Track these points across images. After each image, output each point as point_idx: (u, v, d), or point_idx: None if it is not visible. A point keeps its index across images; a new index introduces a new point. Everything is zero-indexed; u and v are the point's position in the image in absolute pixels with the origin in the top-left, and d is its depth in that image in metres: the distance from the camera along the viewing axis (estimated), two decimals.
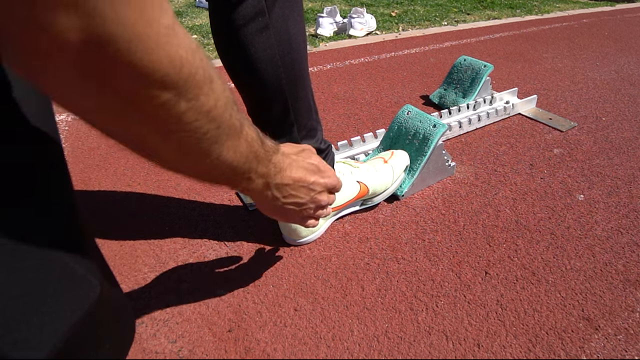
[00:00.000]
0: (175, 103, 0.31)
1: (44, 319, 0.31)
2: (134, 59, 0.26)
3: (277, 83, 0.66)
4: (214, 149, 0.37)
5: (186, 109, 0.32)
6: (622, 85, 1.71)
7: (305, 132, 0.74)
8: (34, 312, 0.31)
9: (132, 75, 0.27)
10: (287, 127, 0.71)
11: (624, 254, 0.84)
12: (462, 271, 0.79)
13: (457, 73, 1.45)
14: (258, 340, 0.66)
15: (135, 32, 0.25)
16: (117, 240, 0.84)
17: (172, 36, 0.28)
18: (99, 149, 1.16)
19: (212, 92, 0.34)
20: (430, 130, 0.97)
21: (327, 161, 0.80)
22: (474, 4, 3.30)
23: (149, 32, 0.26)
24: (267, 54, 0.63)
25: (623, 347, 0.66)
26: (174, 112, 0.31)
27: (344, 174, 0.85)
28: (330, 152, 0.81)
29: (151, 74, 0.27)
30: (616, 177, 1.09)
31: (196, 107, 0.33)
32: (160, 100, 0.30)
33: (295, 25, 0.64)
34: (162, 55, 0.27)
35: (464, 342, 0.67)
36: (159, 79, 0.28)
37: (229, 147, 0.39)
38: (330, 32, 2.37)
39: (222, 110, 0.36)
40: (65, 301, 0.33)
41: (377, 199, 0.93)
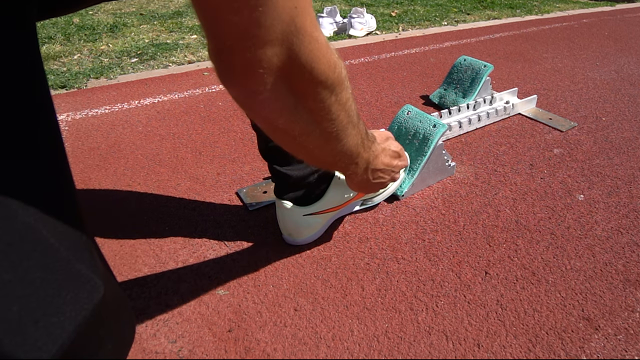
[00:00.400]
0: (328, 97, 0.41)
1: (51, 320, 0.32)
2: (310, 68, 0.38)
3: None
4: (343, 136, 0.48)
5: (334, 102, 0.42)
6: (622, 85, 1.71)
7: None
8: (41, 313, 0.31)
9: (309, 79, 0.38)
10: None
11: (624, 254, 0.84)
12: (462, 271, 0.79)
13: (457, 73, 1.45)
14: (258, 340, 0.66)
15: (311, 49, 0.37)
16: (117, 240, 0.84)
17: (328, 47, 0.40)
18: (99, 149, 1.16)
19: (346, 89, 0.44)
20: (430, 130, 0.97)
21: None
22: (474, 4, 3.30)
23: (318, 47, 0.38)
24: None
25: (623, 347, 0.66)
26: (326, 105, 0.42)
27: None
28: None
29: (318, 76, 0.39)
30: (616, 177, 1.09)
31: (339, 100, 0.43)
32: (321, 96, 0.41)
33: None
34: (325, 62, 0.39)
35: (464, 342, 0.67)
36: (323, 80, 0.39)
37: (351, 135, 0.49)
38: (330, 32, 2.37)
39: (351, 103, 0.46)
40: (70, 301, 0.34)
41: (377, 199, 0.93)
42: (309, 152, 0.49)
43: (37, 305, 0.31)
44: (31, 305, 0.31)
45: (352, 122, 0.48)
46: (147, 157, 1.13)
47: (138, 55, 1.93)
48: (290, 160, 0.75)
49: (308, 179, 0.77)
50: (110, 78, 1.67)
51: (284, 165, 0.75)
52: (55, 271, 0.33)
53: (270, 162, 0.76)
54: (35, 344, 0.31)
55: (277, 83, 0.37)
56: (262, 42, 0.33)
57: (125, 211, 0.93)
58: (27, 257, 0.32)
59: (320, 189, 0.80)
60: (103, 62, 1.83)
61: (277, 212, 0.81)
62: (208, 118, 1.35)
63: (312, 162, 0.57)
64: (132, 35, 2.21)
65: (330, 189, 0.81)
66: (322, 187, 0.80)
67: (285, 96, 0.39)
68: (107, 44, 2.08)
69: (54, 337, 0.32)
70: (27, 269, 0.32)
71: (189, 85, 1.60)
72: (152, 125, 1.29)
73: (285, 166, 0.75)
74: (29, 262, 0.32)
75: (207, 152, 1.16)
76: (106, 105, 1.43)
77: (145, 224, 0.89)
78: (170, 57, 1.90)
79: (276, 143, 0.48)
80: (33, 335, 0.31)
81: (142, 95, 1.51)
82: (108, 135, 1.23)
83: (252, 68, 0.35)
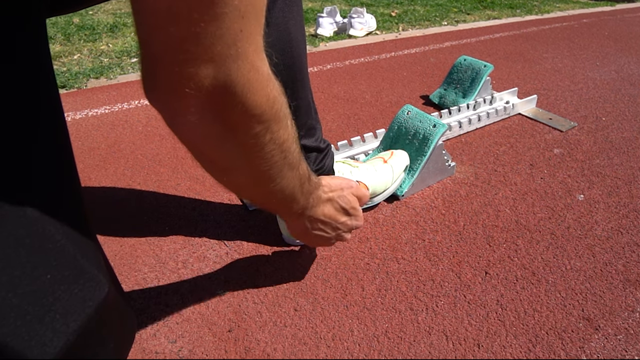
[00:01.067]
0: (262, 134, 0.38)
1: (56, 317, 0.32)
2: (244, 99, 0.34)
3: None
4: (276, 177, 0.44)
5: (269, 140, 0.39)
6: (622, 85, 1.71)
7: (305, 131, 0.74)
8: (46, 310, 0.32)
9: (241, 110, 0.35)
10: None
11: (624, 254, 0.84)
12: (462, 271, 0.79)
13: (457, 73, 1.45)
14: (258, 340, 0.66)
15: (249, 78, 0.33)
16: (117, 240, 0.84)
17: (270, 80, 0.37)
18: (99, 149, 1.16)
19: (285, 128, 0.41)
20: (430, 130, 0.97)
21: (327, 161, 0.80)
22: (474, 4, 3.30)
23: (257, 78, 0.35)
24: (266, 51, 0.64)
25: (623, 347, 0.66)
26: (260, 142, 0.39)
27: (343, 174, 0.84)
28: (329, 152, 0.81)
29: (253, 109, 0.35)
30: (616, 177, 1.09)
31: (275, 138, 0.40)
32: (254, 132, 0.37)
33: (295, 24, 0.64)
34: (263, 95, 0.36)
35: (464, 342, 0.67)
36: (258, 114, 0.36)
37: (287, 177, 0.46)
38: (330, 32, 2.37)
39: (290, 143, 0.43)
40: (75, 299, 0.34)
41: (377, 199, 0.93)
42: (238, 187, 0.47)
43: (43, 302, 0.32)
44: (37, 301, 0.32)
45: (290, 164, 0.45)
46: (147, 157, 1.13)
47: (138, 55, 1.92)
48: None
49: None
50: (110, 78, 1.67)
51: None
52: (62, 268, 0.34)
53: None
54: (41, 340, 0.31)
55: (204, 108, 0.34)
56: (195, 60, 0.30)
57: (125, 211, 0.93)
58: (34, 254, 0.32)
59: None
60: (103, 62, 1.83)
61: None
62: None
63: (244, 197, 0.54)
64: (132, 35, 2.21)
65: None
66: None
67: (212, 124, 0.35)
68: (107, 44, 2.08)
69: (59, 334, 0.32)
70: (34, 265, 0.32)
71: None
72: (152, 125, 1.29)
73: None
74: (36, 259, 0.32)
75: None
76: (106, 105, 1.43)
77: (145, 224, 0.89)
78: None
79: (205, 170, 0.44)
80: (38, 331, 0.31)
81: (142, 95, 1.51)
82: (108, 135, 1.23)
83: (178, 85, 0.32)
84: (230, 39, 0.30)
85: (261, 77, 0.35)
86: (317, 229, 0.60)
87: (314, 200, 0.56)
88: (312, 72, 1.77)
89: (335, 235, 0.63)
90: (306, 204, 0.54)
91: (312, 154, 0.76)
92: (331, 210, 0.60)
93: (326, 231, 0.61)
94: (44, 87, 0.35)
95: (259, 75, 0.35)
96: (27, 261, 0.32)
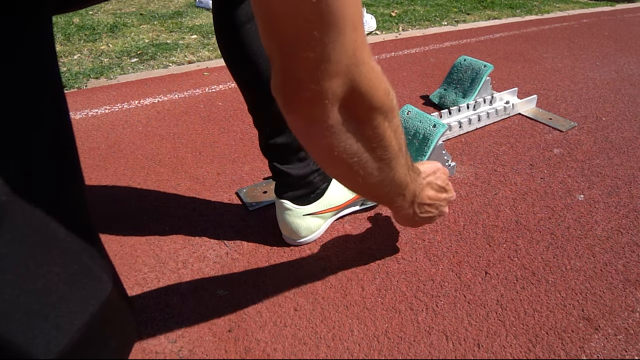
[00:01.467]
0: (383, 123, 0.43)
1: (61, 315, 0.33)
2: (370, 96, 0.40)
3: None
4: (394, 164, 0.49)
5: (387, 128, 0.44)
6: (622, 85, 1.71)
7: None
8: (51, 308, 0.32)
9: (368, 106, 0.40)
10: (286, 124, 0.71)
11: (624, 254, 0.84)
12: (462, 271, 0.79)
13: (457, 73, 1.45)
14: (258, 340, 0.66)
15: (370, 78, 0.39)
16: (117, 240, 0.84)
17: (382, 75, 0.42)
18: (99, 149, 1.16)
19: (397, 116, 0.46)
20: (430, 130, 0.97)
21: None
22: (474, 4, 3.30)
23: (375, 76, 0.40)
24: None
25: (623, 347, 0.66)
26: (381, 131, 0.44)
27: None
28: None
29: (376, 103, 0.41)
30: (616, 177, 1.09)
31: (392, 126, 0.45)
32: (376, 122, 0.43)
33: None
34: (381, 90, 0.41)
35: (464, 342, 0.67)
36: (380, 106, 0.41)
37: (401, 164, 0.50)
38: None
39: (401, 129, 0.48)
40: (80, 298, 0.35)
41: None
42: (361, 181, 0.49)
43: (48, 300, 0.32)
44: (42, 299, 0.32)
45: (402, 151, 0.50)
46: (147, 157, 1.13)
47: (138, 55, 1.93)
48: (290, 158, 0.75)
49: (308, 177, 0.77)
50: (110, 78, 1.67)
51: (284, 164, 0.75)
52: (66, 267, 0.34)
53: (271, 159, 0.76)
54: (45, 337, 0.31)
55: (339, 112, 0.40)
56: (330, 75, 0.36)
57: (125, 211, 0.93)
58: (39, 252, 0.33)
59: (321, 189, 0.80)
60: (103, 62, 1.83)
61: (277, 212, 0.81)
62: (208, 118, 1.35)
63: (363, 192, 0.57)
64: (132, 35, 2.21)
65: (331, 189, 0.81)
66: (323, 187, 0.80)
67: (345, 124, 0.41)
68: (107, 44, 2.08)
69: (63, 332, 0.32)
70: (39, 263, 0.32)
71: (189, 85, 1.60)
72: (152, 125, 1.29)
73: (285, 164, 0.75)
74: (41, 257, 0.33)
75: (207, 152, 1.16)
76: (106, 105, 1.43)
77: (145, 224, 0.89)
78: (170, 57, 1.90)
79: (328, 174, 0.49)
80: (43, 328, 0.31)
81: (142, 95, 1.51)
82: (108, 135, 1.23)
83: (319, 99, 0.38)
84: (351, 50, 0.36)
85: (378, 75, 0.41)
86: (424, 212, 0.65)
87: (419, 186, 0.61)
88: None
89: (438, 212, 0.68)
90: (415, 190, 0.59)
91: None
92: (432, 192, 0.65)
93: (431, 212, 0.66)
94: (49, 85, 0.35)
95: (376, 74, 0.40)
96: (32, 259, 0.32)
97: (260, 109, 0.72)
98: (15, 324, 0.30)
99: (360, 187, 0.52)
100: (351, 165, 0.46)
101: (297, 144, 0.73)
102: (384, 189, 0.52)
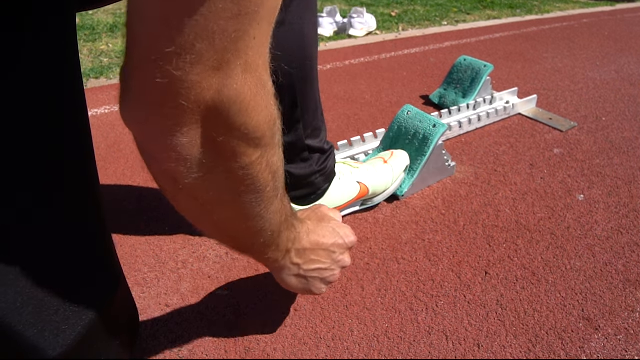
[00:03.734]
0: (259, 160, 0.32)
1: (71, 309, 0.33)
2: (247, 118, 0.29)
3: (288, 78, 0.66)
4: (265, 212, 0.38)
5: (264, 167, 0.34)
6: (622, 85, 1.71)
7: (311, 131, 0.74)
8: (62, 302, 0.33)
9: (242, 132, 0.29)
10: (293, 123, 0.71)
11: (624, 254, 0.84)
12: (462, 271, 0.79)
13: (457, 73, 1.45)
14: (258, 340, 0.66)
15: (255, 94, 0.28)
16: (117, 240, 0.84)
17: (273, 98, 0.32)
18: (99, 149, 1.16)
19: (279, 153, 0.36)
20: (430, 130, 0.97)
21: (329, 162, 0.80)
22: (474, 4, 3.30)
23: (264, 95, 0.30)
24: (282, 48, 0.64)
25: (623, 347, 0.66)
26: (254, 170, 0.33)
27: (344, 175, 0.84)
28: (332, 153, 0.81)
29: (255, 132, 0.30)
30: (616, 177, 1.09)
31: (270, 166, 0.34)
32: (251, 158, 0.32)
33: (309, 23, 0.65)
34: (266, 115, 0.31)
35: (464, 342, 0.67)
36: (258, 137, 0.31)
37: (275, 210, 0.39)
38: (330, 32, 2.37)
39: (282, 171, 0.38)
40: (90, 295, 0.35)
41: (377, 199, 0.93)
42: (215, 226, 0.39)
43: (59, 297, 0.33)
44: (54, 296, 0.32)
45: (278, 194, 0.39)
46: None
47: None
48: (293, 158, 0.75)
49: (310, 178, 0.77)
50: (110, 78, 1.67)
51: (287, 163, 0.75)
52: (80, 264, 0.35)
53: None
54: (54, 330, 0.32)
55: (198, 126, 0.28)
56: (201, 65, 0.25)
57: (125, 211, 0.93)
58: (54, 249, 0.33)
59: (322, 190, 0.80)
60: (103, 62, 1.83)
61: None
62: None
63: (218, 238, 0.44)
64: None
65: (332, 189, 0.81)
66: (324, 187, 0.80)
67: (202, 147, 0.29)
68: (107, 44, 2.08)
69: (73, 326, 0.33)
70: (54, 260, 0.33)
71: None
72: None
73: (288, 164, 0.75)
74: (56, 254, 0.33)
75: None
76: (106, 105, 1.43)
77: (145, 224, 0.89)
78: None
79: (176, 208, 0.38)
80: (53, 321, 0.32)
81: None
82: (108, 135, 1.23)
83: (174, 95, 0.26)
84: (243, 46, 0.26)
85: (267, 94, 0.30)
86: (309, 261, 0.51)
87: (297, 230, 0.48)
88: None
89: (332, 261, 0.54)
90: (289, 236, 0.47)
91: (316, 154, 0.76)
92: (317, 236, 0.51)
93: (321, 261, 0.52)
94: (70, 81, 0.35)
95: (265, 92, 0.30)
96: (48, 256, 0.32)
97: None
98: (29, 316, 0.31)
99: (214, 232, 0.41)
100: (202, 205, 0.36)
101: (301, 144, 0.73)
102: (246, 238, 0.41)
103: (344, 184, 0.83)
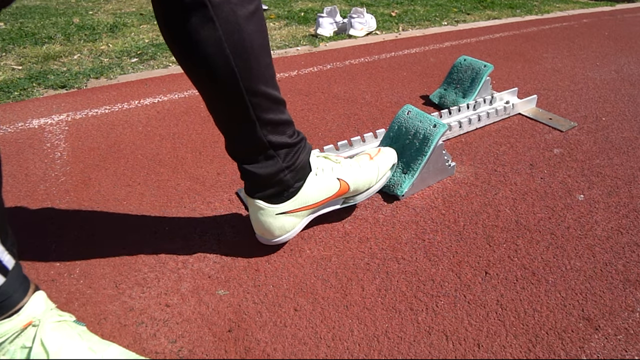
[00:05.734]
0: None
1: None
2: None
3: (229, 76, 0.63)
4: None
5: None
6: (622, 85, 1.71)
7: (270, 128, 0.71)
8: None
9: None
10: (248, 124, 0.69)
11: (624, 254, 0.84)
12: (462, 271, 0.79)
13: (457, 73, 1.45)
14: (258, 340, 0.66)
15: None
16: (117, 240, 0.84)
17: None
18: (99, 149, 1.16)
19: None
20: (431, 130, 0.97)
21: (300, 156, 0.76)
22: (474, 4, 3.30)
23: None
24: (214, 45, 0.61)
25: (623, 347, 0.66)
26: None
27: (323, 170, 0.81)
28: (303, 148, 0.77)
29: None
30: (616, 177, 1.09)
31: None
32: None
33: (247, 17, 0.62)
34: None
35: (464, 342, 0.67)
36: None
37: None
38: (330, 32, 2.37)
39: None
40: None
41: (359, 197, 0.89)
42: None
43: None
44: None
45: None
46: (147, 157, 1.13)
47: (138, 55, 1.93)
48: (255, 158, 0.73)
49: (278, 176, 0.74)
50: (110, 78, 1.67)
51: (251, 163, 0.73)
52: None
53: (238, 161, 0.74)
54: None
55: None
56: None
57: (125, 211, 0.93)
58: None
59: (295, 187, 0.77)
60: (103, 62, 1.83)
61: (250, 212, 0.79)
62: (208, 118, 1.35)
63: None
64: (132, 35, 2.21)
65: (307, 186, 0.78)
66: (297, 185, 0.77)
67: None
68: (107, 44, 2.08)
69: None
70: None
71: (189, 85, 1.60)
72: (152, 125, 1.29)
73: (252, 164, 0.73)
74: None
75: (207, 152, 1.16)
76: (106, 105, 1.43)
77: (145, 224, 0.89)
78: (170, 57, 1.90)
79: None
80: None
81: (142, 95, 1.51)
82: (108, 135, 1.23)
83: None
84: None
85: None
86: None
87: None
88: (312, 72, 1.77)
89: None
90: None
91: (282, 150, 0.73)
92: None
93: None
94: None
95: None
96: None
97: (217, 108, 0.69)
98: None
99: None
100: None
101: (261, 142, 0.71)
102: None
103: (321, 179, 0.80)
